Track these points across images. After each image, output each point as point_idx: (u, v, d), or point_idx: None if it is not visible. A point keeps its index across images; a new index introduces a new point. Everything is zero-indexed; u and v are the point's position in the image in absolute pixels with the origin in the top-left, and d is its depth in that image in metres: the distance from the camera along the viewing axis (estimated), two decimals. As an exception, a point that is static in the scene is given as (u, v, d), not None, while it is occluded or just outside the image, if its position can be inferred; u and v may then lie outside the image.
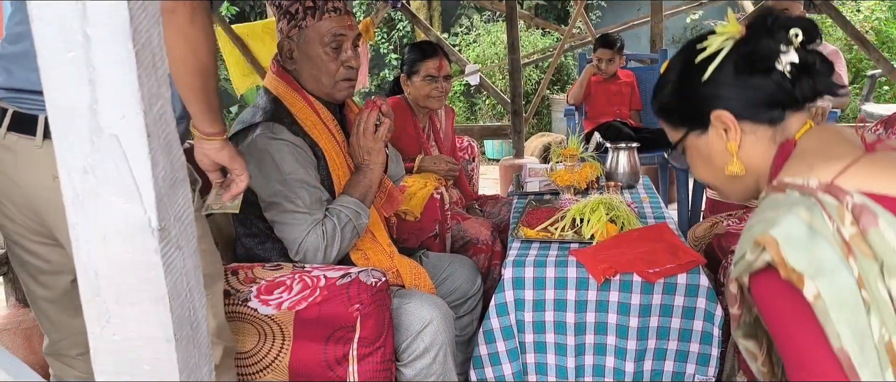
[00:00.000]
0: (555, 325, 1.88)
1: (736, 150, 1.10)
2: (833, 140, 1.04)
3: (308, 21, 1.78)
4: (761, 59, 1.05)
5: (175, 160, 0.75)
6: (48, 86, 0.69)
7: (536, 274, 1.86)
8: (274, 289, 1.60)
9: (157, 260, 0.72)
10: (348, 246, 1.80)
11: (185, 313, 0.76)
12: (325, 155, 1.80)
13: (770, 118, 1.07)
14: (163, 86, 0.72)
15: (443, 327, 1.70)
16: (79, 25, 0.66)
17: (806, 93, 1.05)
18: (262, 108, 1.79)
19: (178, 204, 0.75)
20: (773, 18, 1.06)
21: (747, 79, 1.06)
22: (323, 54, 1.80)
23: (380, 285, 1.58)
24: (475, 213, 2.75)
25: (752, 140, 1.09)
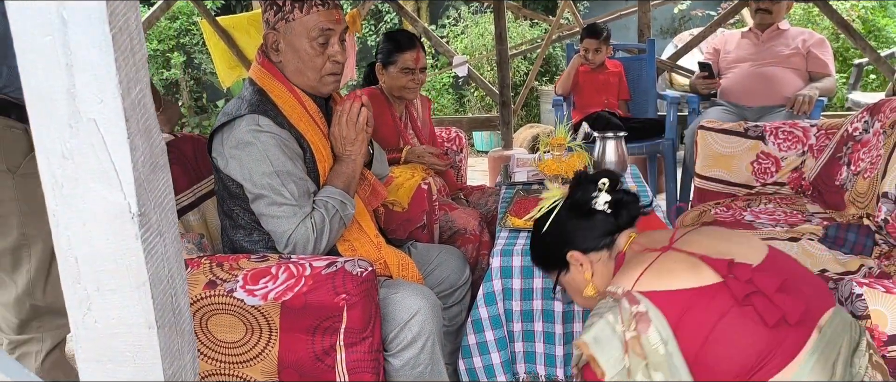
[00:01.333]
0: (543, 313, 1.88)
1: (590, 277, 1.50)
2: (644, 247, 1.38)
3: (296, 14, 1.76)
4: (582, 205, 1.51)
5: (155, 145, 0.74)
6: (25, 71, 0.68)
7: (524, 262, 1.86)
8: (259, 278, 1.59)
9: (137, 246, 0.72)
10: (336, 236, 1.79)
11: (166, 299, 0.76)
12: (311, 146, 1.79)
13: (606, 244, 1.49)
14: (141, 71, 0.71)
15: (430, 317, 1.69)
16: (55, 8, 0.66)
17: (624, 221, 1.50)
18: (247, 100, 1.76)
19: (158, 189, 0.75)
20: (584, 176, 1.57)
21: (580, 222, 1.51)
22: (309, 48, 1.78)
23: (366, 275, 1.57)
24: (461, 203, 2.75)
25: (599, 265, 1.49)
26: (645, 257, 1.31)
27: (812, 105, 3.47)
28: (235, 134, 1.71)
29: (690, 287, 1.21)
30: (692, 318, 1.19)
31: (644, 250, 1.36)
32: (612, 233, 1.49)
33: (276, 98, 1.77)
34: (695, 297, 1.20)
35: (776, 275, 1.23)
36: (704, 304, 1.19)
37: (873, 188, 2.47)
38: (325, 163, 1.83)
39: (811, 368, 1.18)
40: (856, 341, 1.27)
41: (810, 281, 1.32)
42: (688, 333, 1.18)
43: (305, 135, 1.78)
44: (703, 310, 1.19)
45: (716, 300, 1.20)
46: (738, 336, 1.18)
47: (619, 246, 1.47)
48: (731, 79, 3.84)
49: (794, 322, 1.19)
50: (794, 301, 1.21)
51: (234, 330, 1.62)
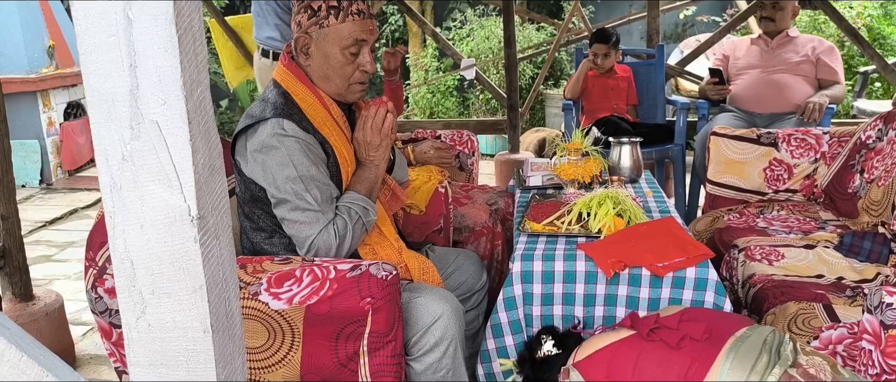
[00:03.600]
0: (563, 319, 1.88)
1: None
2: None
3: (331, 20, 1.75)
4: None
5: (213, 147, 0.73)
6: (87, 71, 0.68)
7: (545, 267, 1.86)
8: (284, 281, 1.58)
9: (195, 249, 0.71)
10: (358, 242, 1.78)
11: (221, 303, 0.75)
12: (334, 151, 1.78)
13: None
14: (203, 72, 0.71)
15: (453, 321, 1.69)
16: (121, 8, 0.65)
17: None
18: (271, 102, 1.75)
19: (215, 192, 0.74)
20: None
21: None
22: (340, 56, 1.77)
23: (391, 278, 1.56)
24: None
25: None
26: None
27: (822, 112, 3.47)
28: (259, 137, 1.70)
29: (608, 343, 1.55)
30: (617, 367, 1.49)
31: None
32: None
33: (301, 101, 1.76)
34: (613, 350, 1.52)
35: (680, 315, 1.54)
36: (622, 353, 1.50)
37: (888, 196, 2.47)
38: (349, 167, 1.82)
39: (729, 369, 1.40)
40: (777, 341, 1.47)
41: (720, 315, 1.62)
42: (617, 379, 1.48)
43: (329, 139, 1.77)
44: (623, 357, 1.49)
45: (630, 345, 1.51)
46: (657, 368, 1.44)
47: None
48: (741, 85, 3.84)
49: (698, 337, 1.46)
50: (694, 324, 1.49)
51: (257, 336, 1.61)
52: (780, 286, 2.04)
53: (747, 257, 2.28)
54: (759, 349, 1.44)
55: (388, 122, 1.80)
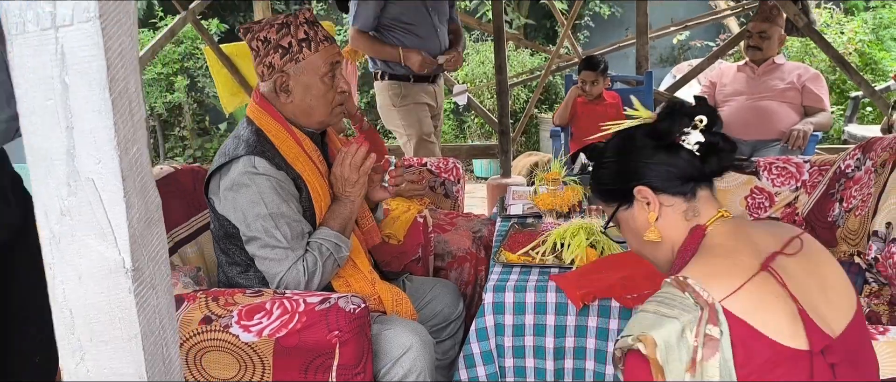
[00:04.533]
0: (534, 350, 1.90)
1: (654, 220, 1.27)
2: (738, 244, 1.17)
3: (305, 53, 1.79)
4: (663, 136, 1.23)
5: (150, 201, 0.77)
6: (27, 131, 0.71)
7: (516, 298, 1.89)
8: (254, 314, 1.61)
9: (130, 299, 0.74)
10: (329, 277, 1.82)
11: (157, 350, 0.78)
12: (307, 186, 1.81)
13: (683, 191, 1.25)
14: (139, 131, 0.74)
15: (422, 353, 1.72)
16: (58, 74, 0.69)
17: (713, 169, 1.24)
18: (244, 140, 1.79)
19: (152, 244, 0.78)
20: (679, 107, 1.26)
21: (659, 155, 1.25)
22: (320, 84, 1.82)
23: (359, 311, 1.59)
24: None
25: (668, 212, 1.26)
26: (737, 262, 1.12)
27: (807, 140, 3.51)
28: (231, 175, 1.74)
29: (778, 342, 1.05)
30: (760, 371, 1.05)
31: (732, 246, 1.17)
32: (695, 180, 1.24)
33: (274, 137, 1.80)
34: (776, 355, 1.06)
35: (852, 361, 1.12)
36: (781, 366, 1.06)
37: (864, 226, 2.49)
38: (322, 201, 1.85)
39: None
40: None
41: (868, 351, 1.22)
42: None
43: (303, 174, 1.81)
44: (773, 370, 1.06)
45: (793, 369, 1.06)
46: None
47: (700, 213, 1.24)
48: (727, 112, 3.88)
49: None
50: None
51: (229, 368, 1.64)
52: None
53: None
54: None
55: (369, 162, 1.84)
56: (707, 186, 1.27)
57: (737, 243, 1.18)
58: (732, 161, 1.24)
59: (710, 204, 1.26)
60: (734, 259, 1.13)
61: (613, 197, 1.34)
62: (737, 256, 1.14)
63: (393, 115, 3.89)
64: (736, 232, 1.21)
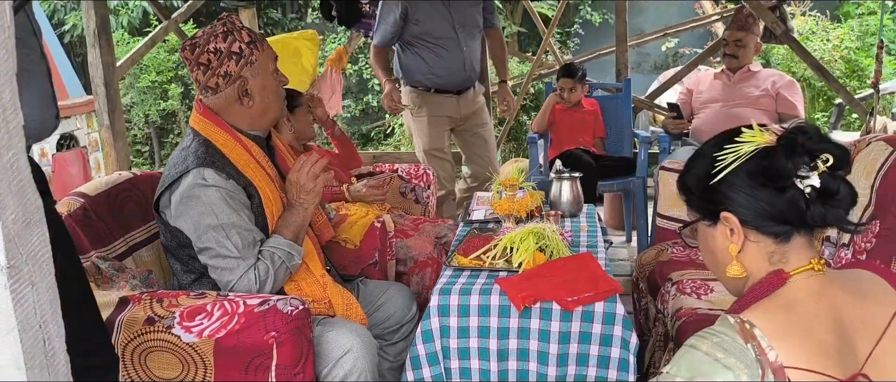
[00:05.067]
0: (479, 351, 1.94)
1: (736, 253, 1.13)
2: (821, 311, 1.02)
3: (256, 54, 1.85)
4: (775, 178, 1.06)
5: (29, 203, 0.82)
6: None
7: (461, 301, 1.93)
8: (195, 315, 1.66)
9: (6, 295, 0.79)
10: (281, 284, 1.85)
11: (37, 344, 0.83)
12: (258, 192, 1.85)
13: (775, 232, 1.09)
14: (15, 138, 0.79)
15: (363, 355, 1.76)
16: (-71, 84, 0.74)
17: (816, 219, 1.05)
18: (192, 152, 1.81)
19: (32, 243, 0.82)
20: (804, 140, 1.05)
21: (760, 190, 1.08)
22: (273, 81, 1.90)
23: (296, 313, 1.64)
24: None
25: (754, 249, 1.11)
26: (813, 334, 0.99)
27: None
28: (181, 189, 1.77)
29: None
30: None
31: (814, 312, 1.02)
32: (790, 224, 1.08)
33: (222, 146, 1.83)
34: None
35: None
36: None
37: (824, 231, 2.52)
38: (273, 206, 1.89)
39: None
40: None
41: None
42: None
43: (253, 180, 1.85)
44: None
45: None
46: None
47: (788, 260, 1.09)
48: (702, 118, 3.92)
49: None
50: None
51: (172, 368, 1.68)
52: (701, 320, 2.09)
53: (678, 290, 2.33)
54: None
55: (328, 175, 1.89)
56: (806, 232, 1.10)
57: (819, 309, 1.03)
58: (839, 219, 1.06)
59: (804, 252, 1.09)
60: (815, 332, 1.00)
61: (697, 207, 1.20)
62: (817, 327, 1.00)
63: (410, 122, 3.91)
64: (822, 294, 1.05)
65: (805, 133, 1.06)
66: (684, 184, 1.21)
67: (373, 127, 7.83)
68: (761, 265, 1.11)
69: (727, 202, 1.11)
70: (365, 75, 8.53)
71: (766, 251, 1.10)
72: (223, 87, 1.83)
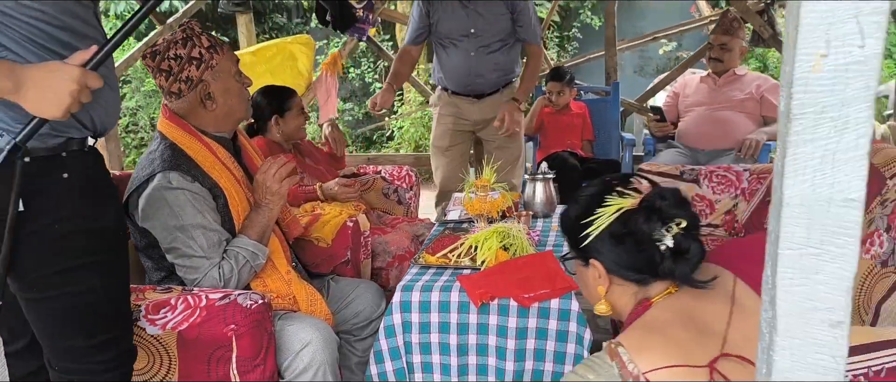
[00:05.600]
0: (440, 346, 2.00)
1: (603, 294, 1.31)
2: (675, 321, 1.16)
3: (216, 58, 1.92)
4: (634, 239, 1.23)
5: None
6: None
7: (422, 297, 1.98)
8: (160, 308, 1.73)
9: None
10: (245, 282, 1.92)
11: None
12: (224, 193, 1.92)
13: (636, 280, 1.27)
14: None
15: (322, 348, 1.82)
16: None
17: (666, 273, 1.22)
18: (159, 155, 1.89)
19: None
20: (662, 205, 1.22)
21: (622, 247, 1.25)
22: (235, 83, 1.97)
23: (256, 307, 1.70)
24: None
25: (619, 291, 1.30)
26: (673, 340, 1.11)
27: (758, 149, 3.57)
28: (148, 191, 1.85)
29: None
30: None
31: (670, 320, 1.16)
32: (652, 275, 1.25)
33: (188, 149, 1.90)
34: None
35: None
36: None
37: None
38: (239, 206, 1.96)
39: None
40: None
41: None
42: None
43: (219, 181, 1.92)
44: None
45: None
46: None
47: (649, 292, 1.26)
48: (688, 121, 3.96)
49: None
50: None
51: (140, 359, 1.75)
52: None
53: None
54: None
55: (293, 179, 1.96)
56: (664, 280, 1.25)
57: (676, 322, 1.16)
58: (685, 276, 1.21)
59: (664, 284, 1.25)
60: (669, 336, 1.12)
61: (572, 248, 1.36)
62: (671, 332, 1.13)
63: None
64: (675, 304, 1.21)
65: (663, 198, 1.23)
66: (563, 224, 1.37)
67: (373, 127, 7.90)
68: (627, 301, 1.29)
69: (595, 252, 1.28)
70: (367, 79, 8.61)
71: (630, 292, 1.28)
72: (186, 92, 1.90)
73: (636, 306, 1.26)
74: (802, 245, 0.70)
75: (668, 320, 1.17)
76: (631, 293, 1.28)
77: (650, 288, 1.26)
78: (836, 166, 0.67)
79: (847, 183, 0.67)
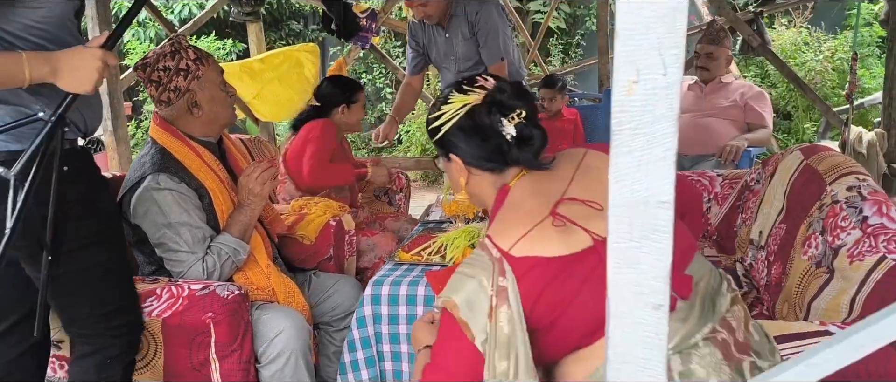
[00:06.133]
0: (407, 337, 2.15)
1: (464, 185, 1.45)
2: (529, 196, 1.31)
3: (202, 69, 2.10)
4: (480, 131, 1.35)
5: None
6: None
7: (391, 291, 2.14)
8: (147, 297, 1.90)
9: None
10: (228, 275, 2.09)
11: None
12: (209, 193, 2.09)
13: (490, 168, 1.38)
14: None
15: (294, 336, 1.98)
16: None
17: (515, 160, 1.35)
18: (149, 159, 2.07)
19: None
20: (502, 98, 1.33)
21: (471, 139, 1.37)
22: (220, 92, 2.14)
23: (232, 297, 1.87)
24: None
25: (477, 180, 1.42)
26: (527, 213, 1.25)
27: (739, 155, 3.68)
28: (139, 191, 2.02)
29: (562, 255, 1.19)
30: (558, 286, 1.19)
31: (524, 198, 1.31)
32: (503, 163, 1.37)
33: (176, 153, 2.08)
34: (565, 264, 1.19)
35: None
36: (571, 270, 1.19)
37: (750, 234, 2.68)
38: (223, 205, 2.13)
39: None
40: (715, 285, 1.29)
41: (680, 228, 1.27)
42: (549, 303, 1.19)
43: (205, 183, 2.09)
44: (569, 276, 1.19)
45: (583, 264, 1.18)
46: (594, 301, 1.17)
47: (506, 178, 1.38)
48: (674, 128, 4.07)
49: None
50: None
51: (129, 342, 1.93)
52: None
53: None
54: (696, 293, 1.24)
55: (274, 183, 2.14)
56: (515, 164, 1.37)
57: (529, 196, 1.30)
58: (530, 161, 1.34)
59: (515, 170, 1.37)
60: (524, 210, 1.27)
61: (436, 146, 1.48)
62: (526, 206, 1.27)
63: None
64: (531, 184, 1.34)
65: (503, 92, 1.34)
66: (428, 127, 1.47)
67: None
68: (488, 190, 1.41)
69: (452, 147, 1.40)
70: (378, 84, 8.80)
71: (489, 181, 1.39)
72: (174, 100, 2.08)
73: (497, 194, 1.37)
74: (627, 239, 0.84)
75: (521, 197, 1.31)
76: (489, 182, 1.39)
77: (505, 175, 1.38)
78: (649, 173, 0.82)
79: (658, 187, 0.82)
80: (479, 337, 1.17)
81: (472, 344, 1.18)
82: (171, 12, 8.04)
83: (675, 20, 0.78)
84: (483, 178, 1.41)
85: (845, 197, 1.92)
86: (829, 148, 2.39)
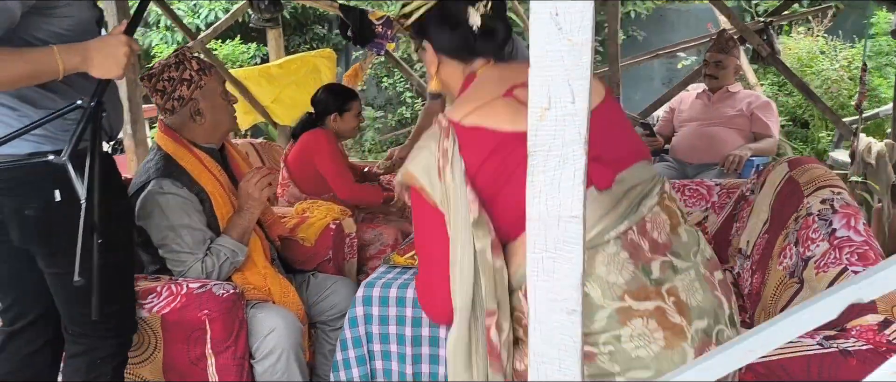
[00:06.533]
0: (397, 337, 2.24)
1: (434, 73, 1.57)
2: (488, 81, 1.43)
3: (205, 79, 2.22)
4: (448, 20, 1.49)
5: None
6: None
7: (382, 293, 2.23)
8: (148, 294, 2.02)
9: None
10: (226, 276, 2.20)
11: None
12: (210, 198, 2.21)
13: (459, 58, 1.52)
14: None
15: (286, 334, 2.09)
16: None
17: (479, 50, 1.50)
18: (154, 164, 2.19)
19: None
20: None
21: (441, 28, 1.51)
22: (222, 100, 2.26)
23: (227, 296, 1.98)
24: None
25: (446, 68, 1.55)
26: (486, 92, 1.37)
27: (742, 164, 3.72)
28: (144, 195, 2.15)
29: (508, 131, 1.29)
30: (498, 160, 1.28)
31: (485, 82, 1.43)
32: (470, 53, 1.51)
33: (179, 159, 2.20)
34: (508, 139, 1.28)
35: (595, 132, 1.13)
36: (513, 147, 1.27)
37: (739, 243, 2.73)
38: (224, 209, 2.24)
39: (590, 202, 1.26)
40: (648, 189, 1.35)
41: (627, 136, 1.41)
42: (490, 173, 1.29)
43: (206, 187, 2.21)
44: (510, 153, 1.27)
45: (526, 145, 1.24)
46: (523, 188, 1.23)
47: (473, 66, 1.51)
48: (680, 136, 4.12)
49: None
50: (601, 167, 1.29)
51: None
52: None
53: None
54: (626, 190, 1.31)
55: (272, 189, 2.25)
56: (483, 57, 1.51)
57: (490, 81, 1.42)
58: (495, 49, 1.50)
59: (482, 60, 1.51)
60: (483, 91, 1.39)
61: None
62: (486, 88, 1.39)
63: None
64: (497, 73, 1.46)
65: None
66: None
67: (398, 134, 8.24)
68: (457, 78, 1.54)
69: (426, 34, 1.54)
70: (399, 88, 8.92)
71: (458, 70, 1.52)
72: (178, 109, 2.20)
73: (464, 82, 1.50)
74: (542, 250, 0.93)
75: (483, 82, 1.43)
76: (458, 71, 1.52)
77: (472, 64, 1.50)
78: (561, 191, 0.90)
79: (569, 204, 0.90)
80: (437, 198, 1.30)
81: (436, 207, 1.31)
82: (196, 16, 8.26)
83: (581, 54, 0.86)
84: (452, 67, 1.53)
85: (818, 209, 1.97)
86: (814, 160, 2.43)
